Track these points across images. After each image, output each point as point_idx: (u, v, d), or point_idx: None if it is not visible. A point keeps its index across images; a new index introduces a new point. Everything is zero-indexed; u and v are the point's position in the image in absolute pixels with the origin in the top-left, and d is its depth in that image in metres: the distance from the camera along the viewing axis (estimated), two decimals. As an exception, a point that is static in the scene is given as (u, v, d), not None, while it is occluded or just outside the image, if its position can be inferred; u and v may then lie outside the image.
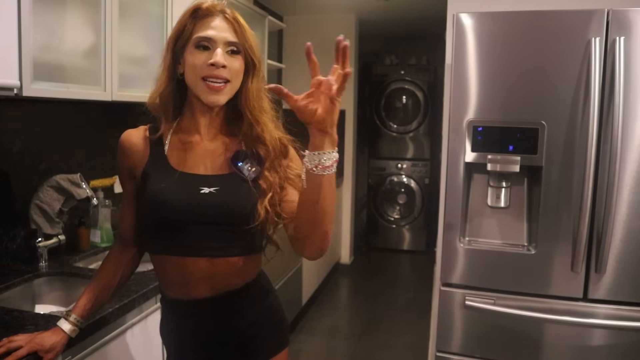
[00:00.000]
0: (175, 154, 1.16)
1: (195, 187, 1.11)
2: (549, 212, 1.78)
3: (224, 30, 1.10)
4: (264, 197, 1.11)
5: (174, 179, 1.12)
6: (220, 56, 1.08)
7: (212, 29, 1.10)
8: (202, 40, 1.09)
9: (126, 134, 1.21)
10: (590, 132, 1.67)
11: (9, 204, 1.83)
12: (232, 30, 1.11)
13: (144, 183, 1.17)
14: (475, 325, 1.89)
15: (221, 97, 1.11)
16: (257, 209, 1.10)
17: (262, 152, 1.14)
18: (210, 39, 1.09)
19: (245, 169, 1.13)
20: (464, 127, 1.83)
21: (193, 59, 1.10)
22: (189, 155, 1.16)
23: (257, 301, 1.21)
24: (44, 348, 1.17)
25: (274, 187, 1.13)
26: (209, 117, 1.17)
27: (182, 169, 1.14)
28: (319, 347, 3.36)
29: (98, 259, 2.09)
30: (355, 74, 4.98)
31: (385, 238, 5.69)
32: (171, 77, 1.15)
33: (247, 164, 1.14)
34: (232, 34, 1.11)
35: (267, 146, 1.14)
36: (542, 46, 1.73)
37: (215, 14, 1.11)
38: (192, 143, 1.17)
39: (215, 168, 1.15)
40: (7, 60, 1.38)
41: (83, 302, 1.23)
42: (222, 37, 1.10)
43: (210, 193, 1.11)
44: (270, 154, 1.14)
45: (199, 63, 1.09)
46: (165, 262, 1.16)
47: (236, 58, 1.12)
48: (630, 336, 1.73)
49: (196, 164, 1.15)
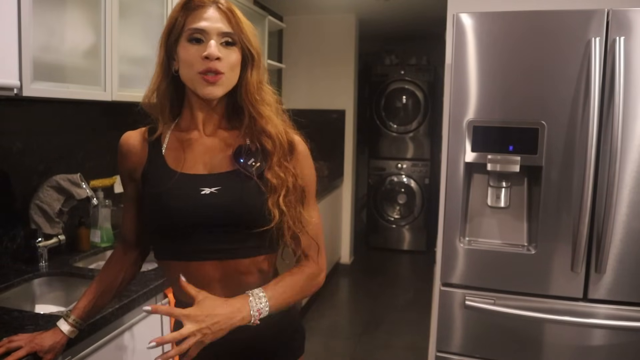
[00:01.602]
0: (174, 153, 1.12)
1: (195, 189, 1.07)
2: (549, 212, 1.78)
3: (217, 20, 1.04)
4: (275, 195, 1.06)
5: (173, 182, 1.08)
6: (214, 47, 1.02)
7: (204, 20, 1.03)
8: (194, 33, 1.04)
9: (125, 136, 1.18)
10: (590, 132, 1.67)
11: (9, 204, 1.83)
12: (226, 20, 1.05)
13: (143, 185, 1.14)
14: (475, 325, 1.89)
15: (217, 89, 1.05)
16: (268, 208, 1.05)
17: (269, 146, 1.09)
18: (202, 30, 1.03)
19: (248, 165, 1.08)
20: (464, 127, 1.83)
21: (186, 53, 1.04)
22: (188, 154, 1.11)
23: None
24: (43, 348, 1.16)
25: (287, 183, 1.08)
26: (208, 112, 1.12)
27: (181, 169, 1.10)
28: (319, 347, 3.36)
29: (98, 259, 2.09)
30: (355, 74, 4.98)
31: (385, 238, 5.68)
32: (165, 74, 1.11)
33: (250, 160, 1.08)
34: (226, 24, 1.05)
35: (274, 139, 1.08)
36: (542, 46, 1.73)
37: (208, 5, 1.05)
38: (190, 140, 1.12)
39: (216, 166, 1.10)
40: (7, 60, 1.38)
41: (83, 303, 1.21)
42: (216, 28, 1.04)
43: (211, 194, 1.06)
44: (277, 148, 1.09)
45: (192, 57, 1.03)
46: (173, 267, 1.11)
47: (232, 50, 1.06)
48: (630, 336, 1.73)
49: (195, 163, 1.11)
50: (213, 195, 1.06)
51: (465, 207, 1.91)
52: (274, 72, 4.59)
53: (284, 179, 1.08)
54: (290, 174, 1.09)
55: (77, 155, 2.13)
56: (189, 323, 0.96)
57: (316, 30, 4.90)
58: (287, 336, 1.21)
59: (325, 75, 4.92)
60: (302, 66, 4.91)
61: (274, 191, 1.07)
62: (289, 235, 1.10)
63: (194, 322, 0.97)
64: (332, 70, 4.90)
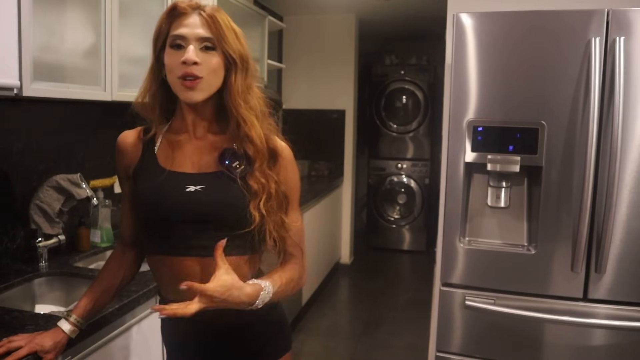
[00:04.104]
0: (165, 153, 1.17)
1: (181, 186, 1.11)
2: (549, 212, 1.78)
3: (196, 26, 1.08)
4: (256, 200, 1.10)
5: (161, 178, 1.12)
6: (191, 52, 1.06)
7: (184, 27, 1.08)
8: (175, 39, 1.08)
9: (122, 135, 1.22)
10: (590, 132, 1.67)
11: (9, 204, 1.83)
12: (206, 26, 1.08)
13: (135, 182, 1.18)
14: (475, 325, 1.89)
15: (195, 94, 1.08)
16: (250, 211, 1.09)
17: (250, 151, 1.12)
18: (182, 36, 1.08)
19: (232, 167, 1.12)
20: (464, 127, 1.83)
21: (168, 58, 1.09)
22: (177, 154, 1.16)
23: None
24: (43, 348, 1.17)
25: (268, 189, 1.11)
26: (196, 115, 1.15)
27: (170, 167, 1.14)
28: (319, 347, 3.36)
29: (98, 259, 2.09)
30: (355, 74, 4.98)
31: (385, 238, 5.69)
32: (154, 78, 1.15)
33: (234, 162, 1.12)
34: (206, 29, 1.08)
35: (256, 145, 1.12)
36: (542, 46, 1.73)
37: (190, 12, 1.09)
38: (180, 142, 1.17)
39: (203, 166, 1.15)
40: (7, 60, 1.38)
41: (84, 302, 1.23)
42: (194, 34, 1.07)
43: (195, 191, 1.10)
44: (259, 154, 1.12)
45: (173, 63, 1.08)
46: (157, 262, 1.17)
47: (211, 54, 1.09)
48: (630, 336, 1.73)
49: (184, 162, 1.15)
50: (197, 193, 1.11)
51: (465, 207, 1.91)
52: (274, 72, 4.59)
53: (265, 185, 1.12)
54: (272, 181, 1.13)
55: (77, 155, 2.14)
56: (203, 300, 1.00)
57: (316, 30, 4.90)
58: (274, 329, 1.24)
59: (325, 75, 4.92)
60: (302, 66, 4.91)
61: (254, 196, 1.11)
62: (270, 239, 1.14)
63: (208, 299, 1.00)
64: (332, 70, 4.90)
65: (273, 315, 1.24)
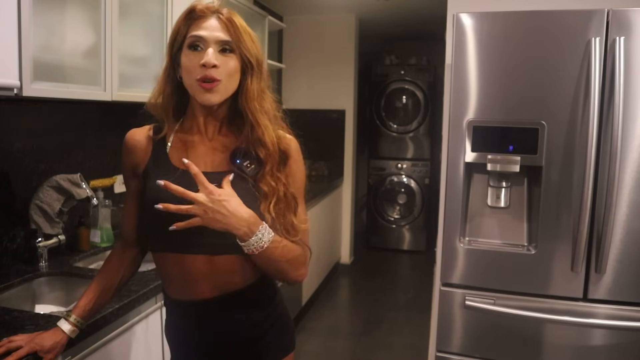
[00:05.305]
0: (177, 152, 1.17)
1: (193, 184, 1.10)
2: (549, 212, 1.78)
3: (216, 29, 1.09)
4: (266, 202, 1.11)
5: (174, 177, 1.12)
6: (211, 55, 1.07)
7: (203, 29, 1.08)
8: (194, 41, 1.09)
9: (131, 133, 1.22)
10: (590, 132, 1.67)
11: (9, 204, 1.83)
12: (225, 29, 1.09)
13: (145, 181, 1.18)
14: (475, 325, 1.89)
15: (213, 96, 1.09)
16: (260, 212, 1.09)
17: (262, 155, 1.13)
18: (201, 38, 1.08)
19: (243, 166, 1.13)
20: (464, 127, 1.83)
21: (187, 60, 1.09)
22: (190, 154, 1.16)
23: (262, 303, 1.20)
24: (43, 348, 1.17)
25: (277, 192, 1.12)
26: (209, 117, 1.16)
27: (182, 167, 1.13)
28: (319, 347, 3.36)
29: (98, 259, 2.09)
30: (355, 74, 4.98)
31: (385, 238, 5.68)
32: (169, 79, 1.15)
33: (245, 162, 1.13)
34: (225, 32, 1.09)
35: (268, 149, 1.13)
36: (542, 46, 1.73)
37: (209, 15, 1.10)
38: (193, 142, 1.17)
39: (215, 166, 1.15)
40: (7, 60, 1.38)
41: (83, 302, 1.22)
42: (214, 37, 1.08)
43: None
44: (270, 158, 1.13)
45: (191, 65, 1.08)
46: (165, 260, 1.16)
47: (230, 57, 1.10)
48: (630, 336, 1.74)
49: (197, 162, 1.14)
50: None
51: (465, 207, 1.91)
52: (274, 72, 4.59)
53: (275, 188, 1.13)
54: (281, 184, 1.14)
55: (77, 155, 2.13)
56: (203, 195, 1.02)
57: (316, 30, 4.90)
58: (278, 329, 1.24)
59: (325, 75, 4.92)
60: (302, 66, 4.91)
61: (265, 198, 1.12)
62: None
63: (209, 195, 1.02)
64: (332, 70, 4.90)
65: (277, 314, 1.24)
